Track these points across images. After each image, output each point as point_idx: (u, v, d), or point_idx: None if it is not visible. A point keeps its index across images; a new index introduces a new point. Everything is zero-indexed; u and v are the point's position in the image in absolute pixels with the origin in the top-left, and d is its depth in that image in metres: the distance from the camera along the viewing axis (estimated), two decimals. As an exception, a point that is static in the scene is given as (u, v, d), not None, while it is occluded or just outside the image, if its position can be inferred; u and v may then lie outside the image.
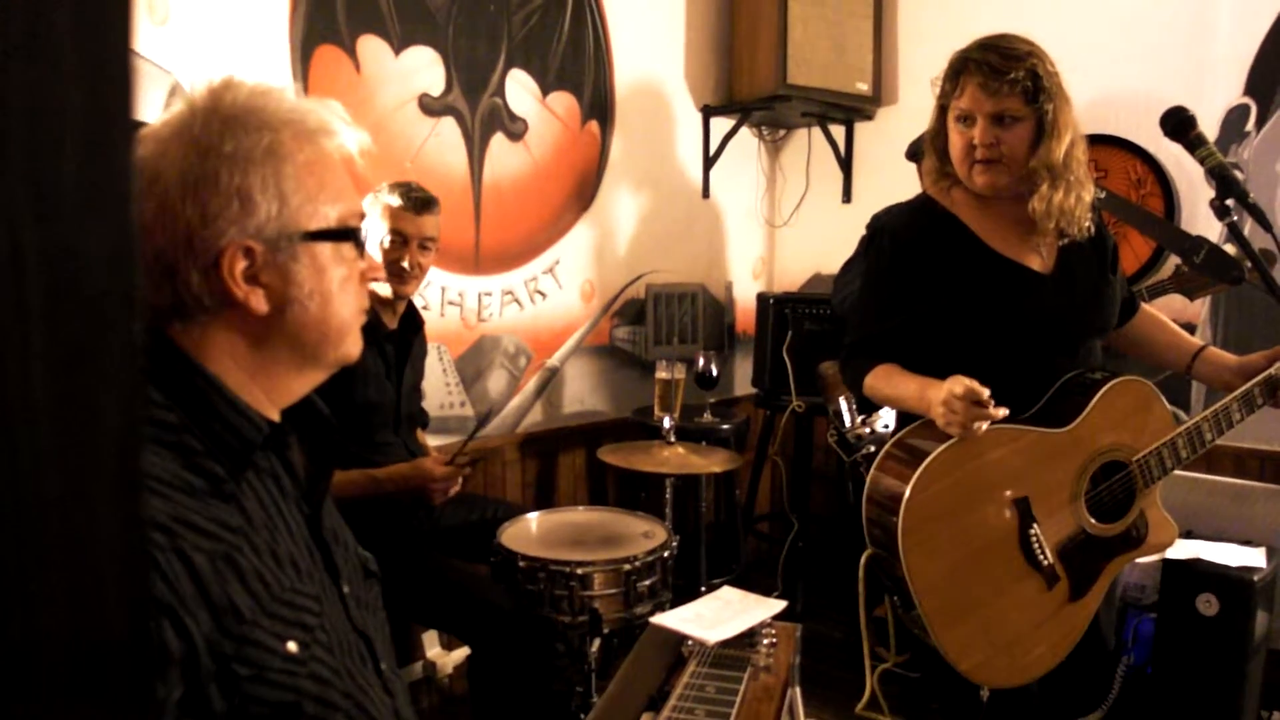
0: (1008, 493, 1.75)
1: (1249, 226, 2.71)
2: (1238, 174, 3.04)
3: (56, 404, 0.27)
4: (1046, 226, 1.84)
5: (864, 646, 1.91)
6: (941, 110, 1.89)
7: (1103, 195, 2.10)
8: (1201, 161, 1.68)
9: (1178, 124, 1.71)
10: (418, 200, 2.38)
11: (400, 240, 2.35)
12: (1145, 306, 2.13)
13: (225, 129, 0.97)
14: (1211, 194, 1.70)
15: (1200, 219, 3.14)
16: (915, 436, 1.81)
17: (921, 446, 1.75)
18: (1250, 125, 3.10)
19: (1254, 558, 2.73)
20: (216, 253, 0.95)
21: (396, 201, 2.35)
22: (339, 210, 1.03)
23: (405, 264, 2.36)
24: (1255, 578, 2.62)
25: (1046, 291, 1.87)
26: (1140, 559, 1.93)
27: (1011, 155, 1.80)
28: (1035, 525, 1.75)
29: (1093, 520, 1.82)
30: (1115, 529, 1.84)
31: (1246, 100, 3.11)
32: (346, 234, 1.04)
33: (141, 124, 0.99)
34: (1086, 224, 1.87)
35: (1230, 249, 2.66)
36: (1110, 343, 2.11)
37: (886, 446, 1.85)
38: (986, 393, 1.64)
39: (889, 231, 1.95)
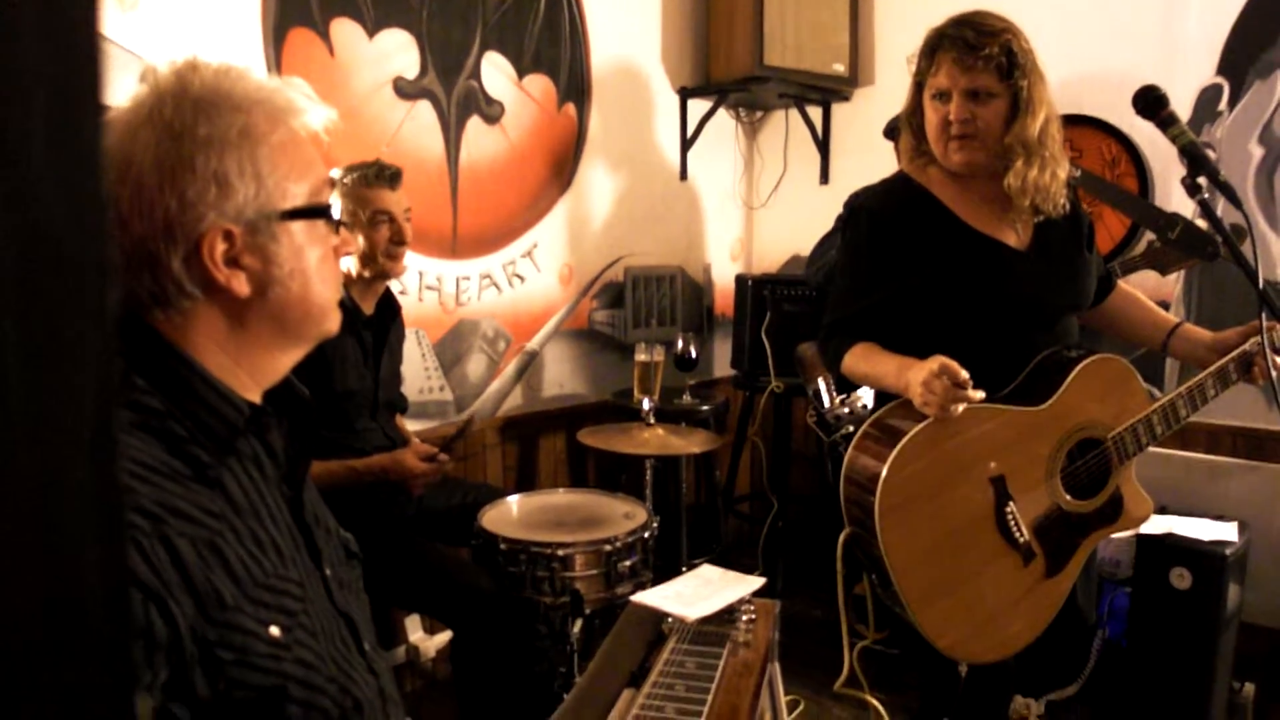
0: (984, 471, 1.77)
1: (1221, 205, 2.74)
2: (1209, 152, 3.07)
3: (31, 374, 0.27)
4: (1022, 203, 1.86)
5: (843, 624, 1.93)
6: (917, 88, 1.90)
7: (1078, 174, 2.12)
8: (1173, 140, 1.69)
9: (1149, 103, 1.72)
10: (391, 175, 2.38)
11: (387, 219, 2.35)
12: (1121, 284, 2.15)
13: (198, 112, 0.96)
14: (1184, 173, 1.72)
15: (1174, 198, 3.17)
16: (893, 416, 1.82)
17: (899, 426, 1.76)
18: (1223, 105, 3.12)
19: (1226, 532, 2.77)
20: (197, 238, 0.95)
21: (371, 183, 2.35)
22: (309, 186, 1.03)
23: (400, 239, 2.37)
24: (1227, 552, 2.66)
25: (1023, 268, 1.89)
26: (1116, 534, 1.95)
27: (986, 131, 1.81)
28: (1011, 503, 1.77)
29: (1068, 497, 1.84)
30: (1091, 505, 1.87)
31: (1219, 80, 3.13)
32: (320, 211, 1.04)
33: (108, 107, 0.98)
34: (1062, 201, 1.89)
35: (1203, 225, 2.69)
36: (1086, 321, 2.13)
37: (864, 426, 1.86)
38: (965, 374, 1.65)
39: (866, 210, 1.96)
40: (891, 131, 3.20)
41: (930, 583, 1.72)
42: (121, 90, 1.00)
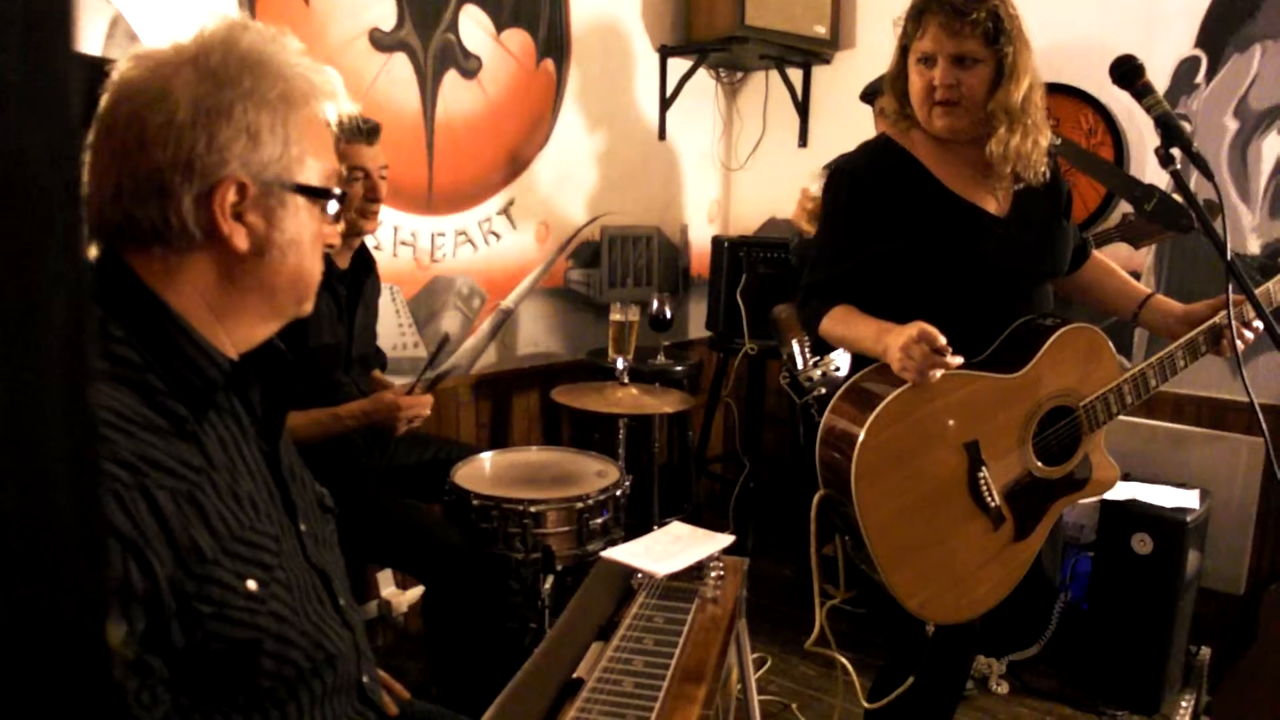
0: (958, 436, 1.79)
1: (1195, 178, 2.76)
2: (1185, 124, 3.08)
3: (2, 299, 0.27)
4: (1003, 170, 1.87)
5: (814, 584, 1.95)
6: (903, 52, 1.90)
7: (1059, 142, 2.13)
8: (1148, 110, 1.70)
9: (1125, 72, 1.73)
10: (370, 131, 2.33)
11: (363, 175, 2.32)
12: (1096, 254, 2.16)
13: (244, 66, 0.99)
14: (1159, 144, 1.73)
15: (1149, 168, 3.19)
16: (870, 380, 1.84)
17: (875, 391, 1.78)
18: (1200, 78, 3.14)
19: (1188, 499, 2.83)
20: (214, 181, 0.97)
21: (349, 138, 2.30)
22: (325, 170, 1.07)
23: (374, 197, 2.34)
24: (1188, 519, 2.71)
25: (1001, 235, 1.89)
26: (1082, 500, 1.99)
27: (970, 97, 1.81)
28: (984, 468, 1.79)
29: (1039, 463, 1.87)
30: (1060, 471, 1.89)
31: (1197, 53, 3.14)
32: (330, 194, 1.07)
33: (85, 56, 0.98)
34: (1043, 169, 1.90)
35: (1178, 198, 2.71)
36: (1060, 289, 2.15)
37: (841, 389, 1.87)
38: (943, 340, 1.67)
39: (847, 172, 1.96)
40: (868, 95, 3.20)
41: (902, 545, 1.74)
42: (94, 37, 1.00)
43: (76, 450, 0.29)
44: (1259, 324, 1.91)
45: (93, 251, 1.00)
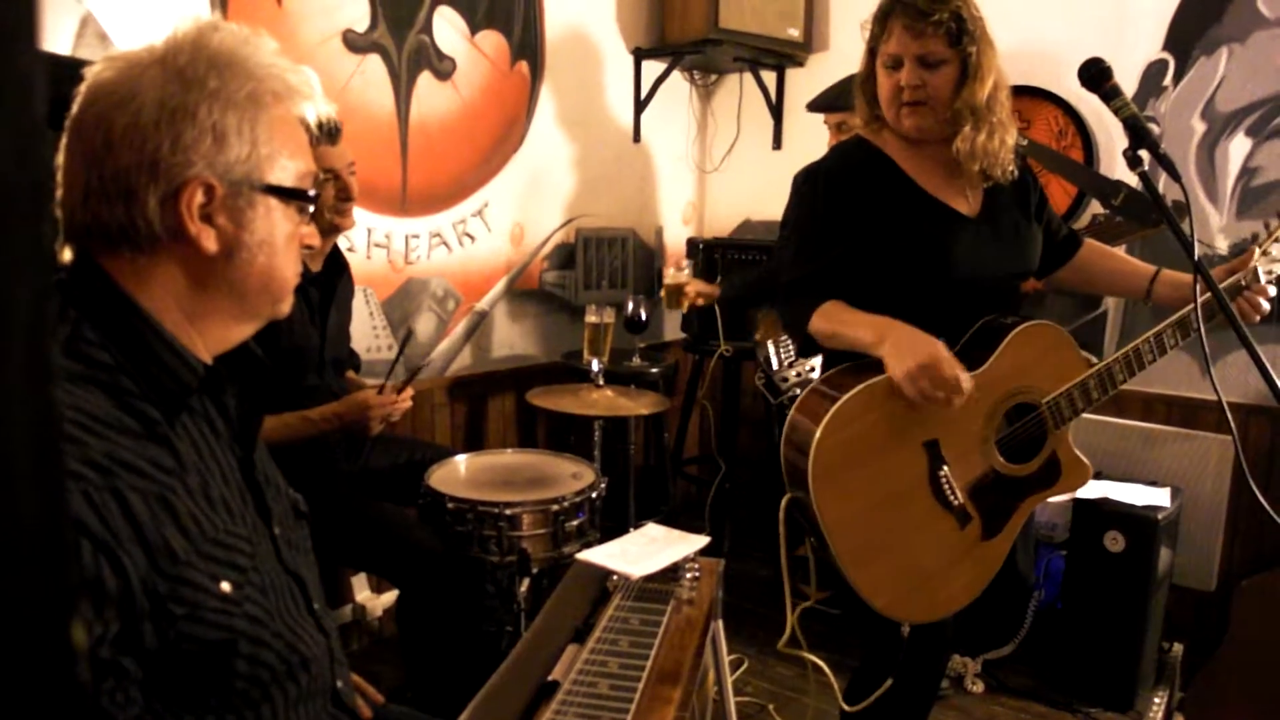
0: (918, 435, 1.80)
1: (1163, 181, 2.79)
2: (1152, 126, 3.12)
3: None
4: (970, 168, 1.88)
5: (785, 585, 1.96)
6: (871, 54, 1.92)
7: (1025, 143, 2.14)
8: (1116, 112, 1.71)
9: (1094, 75, 1.74)
10: (331, 131, 2.31)
11: (332, 177, 2.30)
12: (1090, 240, 2.16)
13: (211, 67, 0.98)
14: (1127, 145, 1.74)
15: (1118, 170, 3.22)
16: (833, 381, 1.84)
17: (835, 390, 1.79)
18: (1168, 80, 3.17)
19: (1159, 497, 2.86)
20: (180, 183, 0.96)
21: (313, 143, 2.27)
22: (298, 170, 1.06)
23: (346, 195, 2.32)
24: (1159, 516, 2.74)
25: (972, 234, 1.91)
26: (1054, 498, 1.99)
27: (936, 97, 1.83)
28: (945, 467, 1.80)
29: (1003, 460, 1.87)
30: (1026, 469, 1.90)
31: (1165, 55, 3.18)
32: (303, 195, 1.06)
33: (48, 55, 0.97)
34: (1010, 168, 1.91)
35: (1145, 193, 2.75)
36: (1062, 280, 2.16)
37: (806, 390, 1.89)
38: (954, 372, 1.69)
39: (822, 171, 1.97)
40: (818, 106, 3.21)
41: (865, 544, 1.75)
42: (62, 35, 0.99)
43: (40, 449, 0.28)
44: (1273, 289, 1.92)
45: (66, 254, 0.99)
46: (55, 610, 0.30)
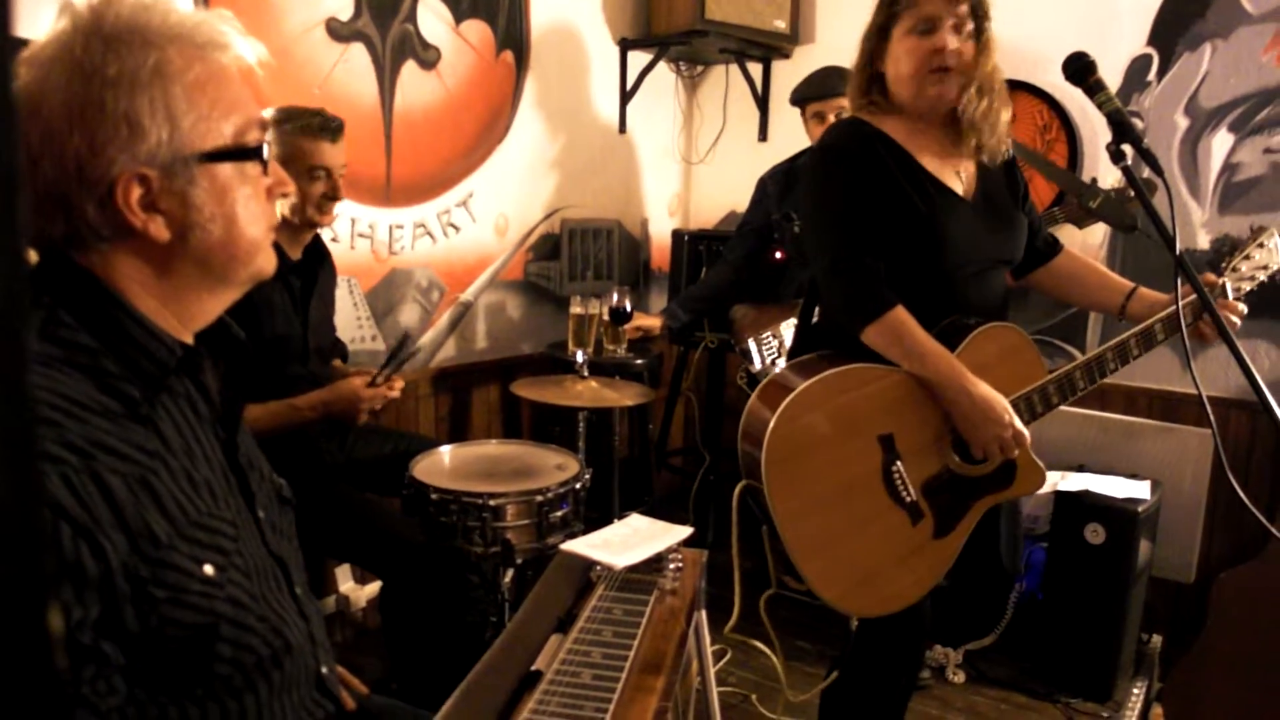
0: (873, 429, 1.79)
1: (1145, 174, 2.81)
2: (1136, 121, 3.14)
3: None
4: (969, 140, 1.88)
5: (734, 571, 2.03)
6: (882, 29, 1.89)
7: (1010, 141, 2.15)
8: (1100, 107, 1.72)
9: (1078, 69, 1.75)
10: (335, 129, 2.32)
11: (324, 174, 2.30)
12: (1069, 249, 2.16)
13: (108, 50, 0.92)
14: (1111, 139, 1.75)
15: (1102, 164, 3.24)
16: (792, 370, 1.84)
17: (793, 380, 1.79)
18: (1152, 75, 3.19)
19: (1140, 490, 2.88)
20: (110, 182, 0.92)
21: (314, 136, 2.28)
22: (235, 125, 1.00)
23: (333, 195, 2.33)
24: (1140, 509, 2.76)
25: (967, 214, 1.90)
26: (1007, 499, 1.97)
27: (963, 65, 1.83)
28: (899, 462, 1.80)
29: (958, 460, 1.86)
30: (982, 470, 1.88)
31: (1149, 50, 3.19)
32: (245, 152, 1.01)
33: (22, 40, 0.95)
34: (1005, 146, 1.93)
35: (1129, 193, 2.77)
36: (1037, 284, 2.15)
37: (763, 383, 1.88)
38: (1026, 442, 1.78)
39: (833, 149, 1.93)
40: (802, 95, 3.21)
41: (815, 536, 1.74)
42: (42, 22, 0.96)
43: (12, 437, 0.28)
44: (1243, 307, 1.93)
45: (32, 255, 0.97)
46: (31, 597, 0.30)
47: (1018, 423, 1.79)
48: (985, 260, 1.94)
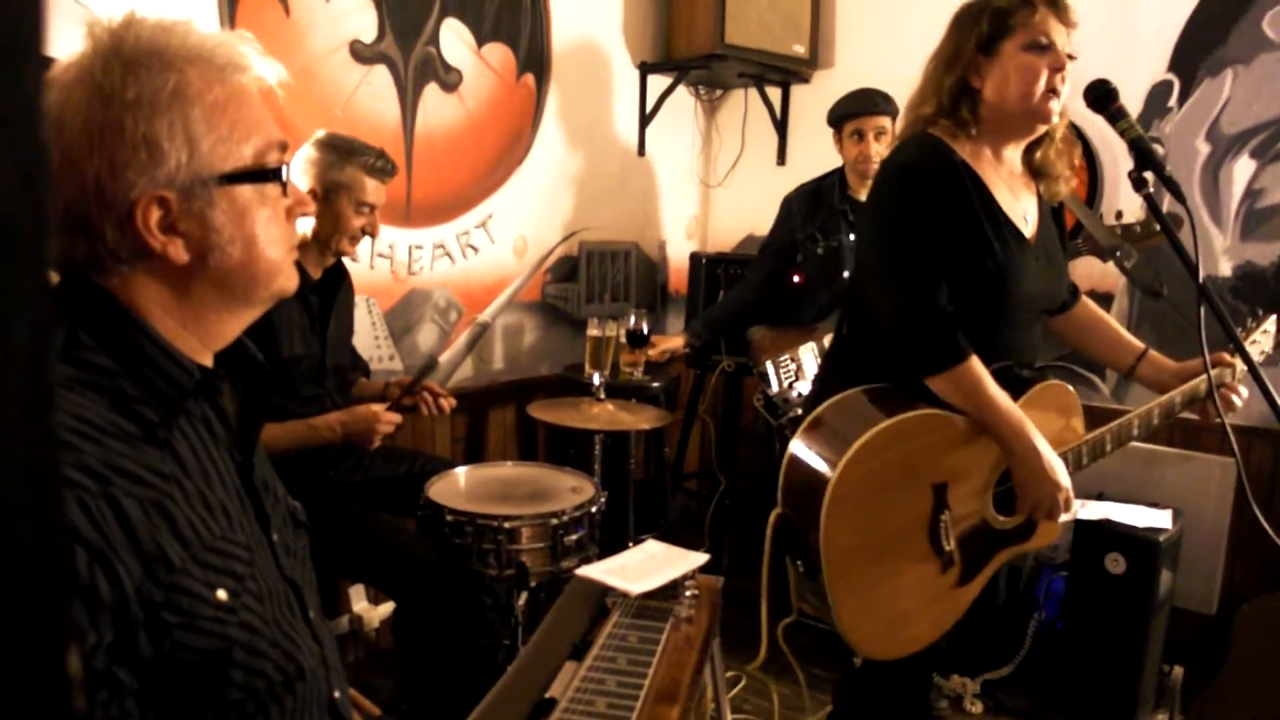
0: (930, 476, 1.76)
1: (1167, 201, 2.79)
2: (1157, 148, 3.12)
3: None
4: (1036, 183, 1.90)
5: (762, 606, 1.91)
6: (984, 43, 1.80)
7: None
8: (1122, 134, 1.71)
9: (1100, 96, 1.74)
10: (390, 172, 2.40)
11: (369, 211, 2.37)
12: (1086, 299, 2.15)
13: (127, 72, 0.93)
14: (1132, 167, 1.74)
15: (1123, 191, 3.23)
16: (845, 409, 1.80)
17: (852, 422, 1.75)
18: (1173, 101, 3.18)
19: (1160, 519, 2.84)
20: (129, 205, 0.93)
21: (375, 174, 2.35)
22: (255, 147, 1.00)
23: (371, 233, 2.40)
24: (1161, 538, 2.72)
25: (1032, 257, 1.87)
26: (1022, 552, 1.95)
27: (1063, 92, 1.81)
28: (947, 511, 1.78)
29: (994, 512, 1.85)
30: (1011, 523, 1.87)
31: (1170, 76, 3.18)
32: (264, 174, 1.01)
33: (48, 59, 0.95)
34: (1069, 189, 1.94)
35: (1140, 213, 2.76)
36: (1054, 329, 2.13)
37: (816, 413, 1.84)
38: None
39: (915, 170, 1.81)
40: (833, 123, 3.22)
41: (858, 579, 1.71)
42: (66, 41, 0.96)
43: (38, 475, 0.28)
44: (1244, 390, 1.94)
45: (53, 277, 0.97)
46: (51, 640, 0.29)
47: (1069, 485, 1.78)
48: (1039, 307, 1.92)
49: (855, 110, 3.16)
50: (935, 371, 1.75)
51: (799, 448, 1.80)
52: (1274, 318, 2.09)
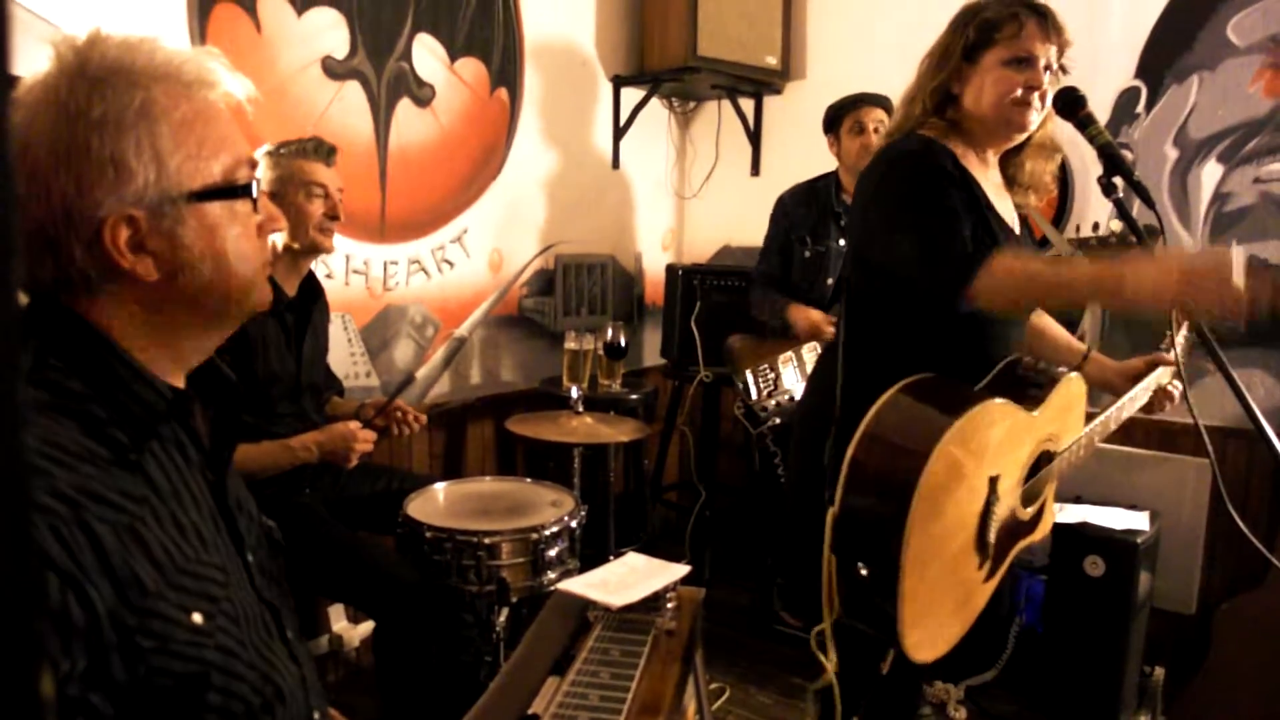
0: (989, 469, 1.68)
1: (1137, 206, 2.82)
2: (1126, 153, 3.16)
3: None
4: (1012, 192, 1.92)
5: (825, 615, 1.70)
6: (967, 53, 1.82)
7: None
8: (1090, 140, 1.73)
9: (1068, 103, 1.76)
10: (328, 151, 2.37)
11: (323, 193, 2.34)
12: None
13: (93, 91, 0.91)
14: (1101, 173, 1.76)
15: (1093, 198, 3.25)
16: (899, 406, 1.67)
17: (926, 414, 1.64)
18: (1140, 107, 3.21)
19: (1138, 521, 2.86)
20: (97, 224, 0.91)
21: (308, 158, 2.33)
22: (224, 164, 0.99)
23: (334, 214, 2.36)
24: (1139, 540, 2.74)
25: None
26: (1029, 544, 1.96)
27: (1044, 107, 1.82)
28: (996, 505, 1.70)
29: (1020, 504, 1.82)
30: (1029, 514, 1.86)
31: (1137, 83, 3.22)
32: (235, 190, 1.00)
33: (16, 78, 0.94)
34: (1045, 196, 1.97)
35: (1115, 225, 2.77)
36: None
37: (896, 390, 1.68)
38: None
39: (910, 154, 1.82)
40: (830, 124, 3.24)
41: (925, 576, 1.60)
42: (32, 59, 0.95)
43: (8, 499, 0.27)
44: (1177, 384, 1.98)
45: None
46: (24, 663, 0.29)
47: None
48: None
49: (853, 103, 3.17)
50: (971, 278, 1.64)
51: (864, 449, 1.64)
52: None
